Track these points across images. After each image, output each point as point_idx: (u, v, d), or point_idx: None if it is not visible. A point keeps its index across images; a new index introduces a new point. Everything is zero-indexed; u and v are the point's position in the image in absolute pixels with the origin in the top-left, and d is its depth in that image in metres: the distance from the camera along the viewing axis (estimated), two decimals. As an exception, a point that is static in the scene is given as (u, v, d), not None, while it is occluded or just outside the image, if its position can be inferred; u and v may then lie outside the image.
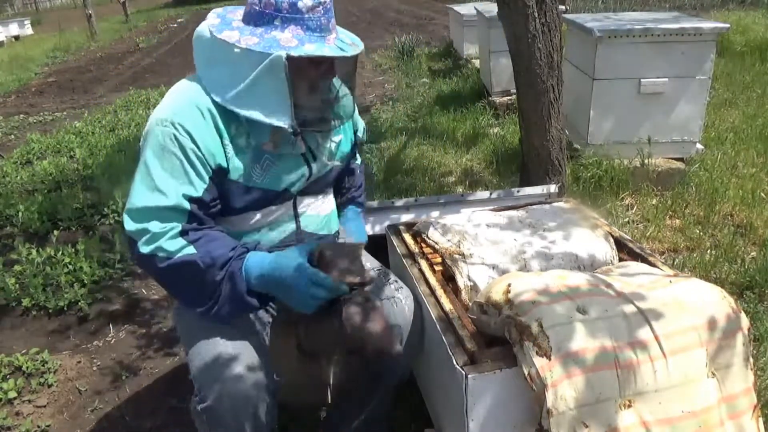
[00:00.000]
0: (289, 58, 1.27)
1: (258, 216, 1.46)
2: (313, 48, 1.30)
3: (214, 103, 1.33)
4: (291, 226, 1.52)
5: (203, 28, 1.37)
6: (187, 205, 1.30)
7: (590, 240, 1.65)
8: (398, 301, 1.51)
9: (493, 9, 4.40)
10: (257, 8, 1.33)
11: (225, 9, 1.44)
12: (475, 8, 5.84)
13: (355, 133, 1.69)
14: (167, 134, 1.29)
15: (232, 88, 1.31)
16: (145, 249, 1.28)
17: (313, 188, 1.53)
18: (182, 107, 1.33)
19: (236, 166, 1.37)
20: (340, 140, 1.58)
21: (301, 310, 1.30)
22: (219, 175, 1.35)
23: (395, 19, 13.79)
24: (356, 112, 1.60)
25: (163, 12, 24.14)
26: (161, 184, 1.28)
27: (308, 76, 1.36)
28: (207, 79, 1.36)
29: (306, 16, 1.30)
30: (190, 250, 1.29)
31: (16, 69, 11.23)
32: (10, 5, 31.77)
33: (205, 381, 1.30)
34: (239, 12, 1.40)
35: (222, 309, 1.32)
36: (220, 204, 1.39)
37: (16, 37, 17.24)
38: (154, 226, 1.27)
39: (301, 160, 1.48)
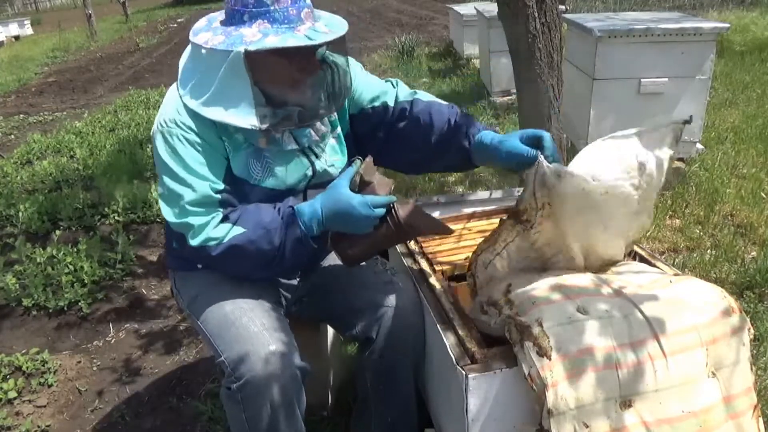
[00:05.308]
0: (249, 53, 1.25)
1: None
2: (275, 40, 1.26)
3: None
4: None
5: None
6: (214, 194, 1.35)
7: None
8: (395, 283, 1.57)
9: (493, 9, 4.40)
10: (230, 6, 1.33)
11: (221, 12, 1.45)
12: (475, 8, 5.84)
13: (383, 103, 1.59)
14: (174, 134, 1.34)
15: (201, 91, 1.33)
16: (194, 242, 1.33)
17: (323, 184, 1.50)
18: (181, 107, 1.36)
19: (237, 163, 1.40)
20: (338, 133, 1.56)
21: (361, 231, 1.34)
22: (227, 167, 1.39)
23: (395, 19, 13.78)
24: (373, 82, 1.59)
25: (163, 12, 24.12)
26: (187, 178, 1.33)
27: (285, 70, 1.33)
28: (182, 83, 1.39)
29: (272, 8, 1.28)
30: (238, 230, 1.33)
31: (16, 69, 11.22)
32: (10, 5, 31.74)
33: (238, 360, 1.33)
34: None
35: (286, 263, 1.36)
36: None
37: (16, 37, 17.24)
38: (195, 219, 1.33)
39: (301, 156, 1.46)
